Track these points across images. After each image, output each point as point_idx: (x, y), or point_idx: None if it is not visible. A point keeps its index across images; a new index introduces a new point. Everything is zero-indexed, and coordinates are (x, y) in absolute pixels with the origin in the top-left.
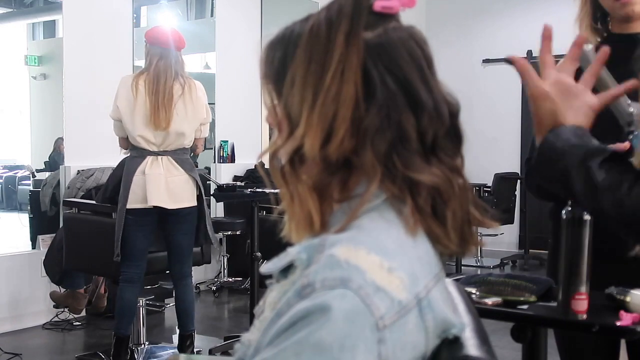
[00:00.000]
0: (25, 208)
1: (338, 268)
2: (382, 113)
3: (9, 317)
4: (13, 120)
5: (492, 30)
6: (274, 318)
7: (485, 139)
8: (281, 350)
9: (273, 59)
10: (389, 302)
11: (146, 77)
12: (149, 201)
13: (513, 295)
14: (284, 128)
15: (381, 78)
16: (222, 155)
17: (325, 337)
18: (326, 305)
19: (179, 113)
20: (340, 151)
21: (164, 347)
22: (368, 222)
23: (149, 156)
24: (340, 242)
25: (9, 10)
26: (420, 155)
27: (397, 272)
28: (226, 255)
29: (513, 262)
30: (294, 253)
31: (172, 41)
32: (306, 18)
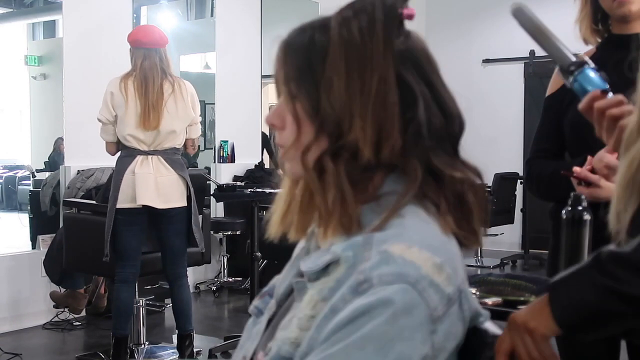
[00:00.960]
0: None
1: (394, 264)
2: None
3: (9, 317)
4: (13, 120)
5: (492, 30)
6: (329, 314)
7: (485, 139)
8: (346, 345)
9: (296, 61)
10: (440, 295)
11: (134, 79)
12: (138, 200)
13: (513, 295)
14: (307, 129)
15: (416, 84)
16: (222, 155)
17: (388, 330)
18: (389, 299)
19: (169, 111)
20: (391, 156)
21: (164, 347)
22: (408, 219)
23: (139, 155)
24: (392, 240)
25: (9, 10)
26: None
27: (445, 267)
28: (226, 255)
29: (513, 262)
30: (339, 251)
31: (153, 40)
32: (325, 20)
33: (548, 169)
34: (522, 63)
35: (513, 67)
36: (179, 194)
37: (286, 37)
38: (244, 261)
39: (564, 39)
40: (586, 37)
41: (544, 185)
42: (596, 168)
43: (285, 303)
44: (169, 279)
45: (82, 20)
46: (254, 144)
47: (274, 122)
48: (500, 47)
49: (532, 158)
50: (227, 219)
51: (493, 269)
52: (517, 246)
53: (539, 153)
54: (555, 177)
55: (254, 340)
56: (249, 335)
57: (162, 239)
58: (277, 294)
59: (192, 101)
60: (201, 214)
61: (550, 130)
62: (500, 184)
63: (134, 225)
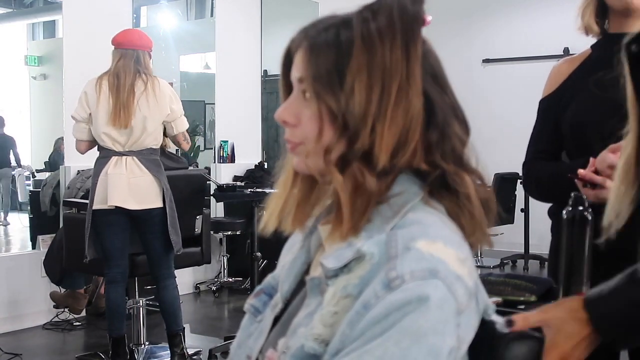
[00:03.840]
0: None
1: (424, 260)
2: (440, 126)
3: (9, 317)
4: (13, 120)
5: (492, 30)
6: (361, 310)
7: (485, 139)
8: (382, 340)
9: (323, 62)
10: (464, 289)
11: (108, 77)
12: (109, 201)
13: (513, 295)
14: (328, 128)
15: (435, 90)
16: (222, 155)
17: (423, 324)
18: (424, 295)
19: (141, 109)
20: (410, 162)
21: (164, 347)
22: (425, 217)
23: (114, 157)
24: (418, 237)
25: (9, 10)
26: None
27: (467, 261)
28: (226, 255)
29: (513, 262)
30: (365, 248)
31: (133, 41)
32: (346, 19)
33: (547, 170)
34: (522, 63)
35: (513, 67)
36: (154, 195)
37: (308, 33)
38: (244, 261)
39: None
40: (589, 25)
41: (544, 187)
42: (600, 169)
43: (294, 300)
44: (155, 280)
45: (82, 20)
46: (254, 144)
47: (287, 119)
48: (500, 47)
49: (530, 160)
50: (227, 219)
51: (493, 269)
52: (517, 246)
53: (537, 154)
54: (555, 179)
55: (259, 338)
56: (249, 334)
57: (143, 240)
58: (283, 290)
59: (166, 98)
60: (201, 214)
61: (547, 132)
62: (500, 184)
63: (112, 225)
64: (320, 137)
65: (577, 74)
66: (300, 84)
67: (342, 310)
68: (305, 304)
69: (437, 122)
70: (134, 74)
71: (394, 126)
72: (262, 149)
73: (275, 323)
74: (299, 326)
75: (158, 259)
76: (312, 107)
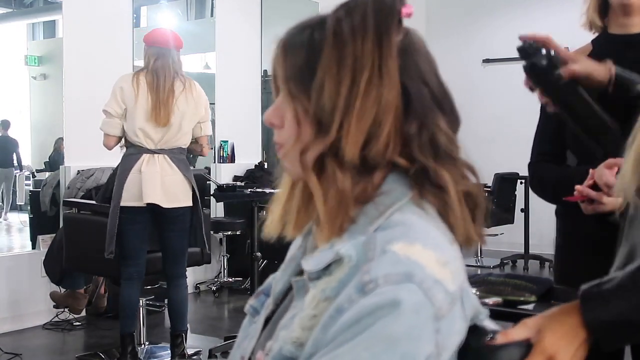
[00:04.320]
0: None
1: (399, 264)
2: (418, 118)
3: (9, 317)
4: (13, 120)
5: (492, 30)
6: (335, 314)
7: (485, 139)
8: (353, 345)
9: (295, 60)
10: (444, 294)
11: (146, 75)
12: (145, 199)
13: (513, 295)
14: (306, 129)
15: (413, 83)
16: (222, 155)
17: (396, 329)
18: (396, 299)
19: (180, 108)
20: (384, 157)
21: (164, 347)
22: (410, 218)
23: (145, 154)
24: (396, 239)
25: (9, 10)
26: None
27: (449, 265)
28: (226, 255)
29: (513, 262)
30: (342, 251)
31: (169, 41)
32: (322, 19)
33: (552, 175)
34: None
35: (513, 67)
36: (184, 194)
37: (285, 35)
38: (244, 261)
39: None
40: (593, 20)
41: (549, 190)
42: (598, 184)
43: (284, 301)
44: (168, 278)
45: (82, 20)
46: (254, 144)
47: (273, 121)
48: (500, 47)
49: (535, 162)
50: (227, 219)
51: (493, 269)
52: (517, 246)
53: (541, 156)
54: (560, 184)
55: (252, 339)
56: (246, 335)
57: (164, 238)
58: (275, 292)
59: (202, 101)
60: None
61: (551, 132)
62: (500, 184)
63: (137, 224)
64: (298, 138)
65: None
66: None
67: (321, 314)
68: (292, 305)
69: (415, 115)
70: (173, 75)
71: (363, 118)
72: (262, 149)
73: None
74: (283, 328)
75: (175, 257)
76: (289, 107)
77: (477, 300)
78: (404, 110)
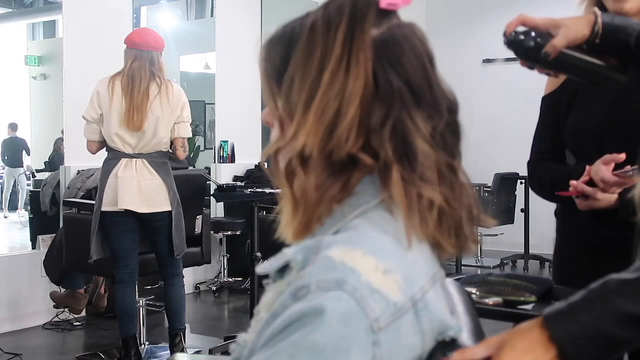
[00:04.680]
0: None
1: (333, 270)
2: (384, 111)
3: (9, 317)
4: (13, 120)
5: (492, 30)
6: (269, 319)
7: (486, 139)
8: (275, 352)
9: (274, 57)
10: (384, 304)
11: (122, 78)
12: (119, 204)
13: (513, 295)
14: (287, 127)
15: (385, 75)
16: (222, 155)
17: (319, 339)
18: (320, 307)
19: (154, 112)
20: (343, 149)
21: (164, 347)
22: (365, 223)
23: (124, 158)
24: (336, 244)
25: (9, 10)
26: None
27: (393, 274)
28: (226, 255)
29: (513, 262)
30: (290, 254)
31: (148, 42)
32: (305, 15)
33: (550, 173)
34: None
35: (513, 67)
36: (162, 198)
37: (270, 33)
38: (244, 261)
39: None
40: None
41: (547, 189)
42: (594, 180)
43: None
44: (163, 277)
45: (82, 20)
46: (254, 144)
47: (267, 120)
48: (500, 47)
49: (534, 160)
50: (227, 219)
51: (493, 269)
52: (517, 246)
53: (540, 154)
54: (557, 183)
55: None
56: None
57: (152, 242)
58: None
59: (179, 103)
60: (201, 214)
61: (550, 131)
62: (500, 184)
63: (120, 227)
64: (282, 138)
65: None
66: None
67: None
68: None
69: (380, 106)
70: (149, 77)
71: (324, 111)
72: (262, 149)
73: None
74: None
75: (166, 259)
76: (270, 105)
77: (445, 314)
78: (372, 104)
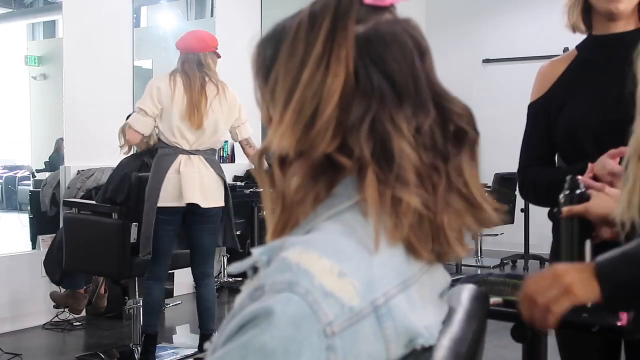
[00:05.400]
0: (25, 208)
1: (288, 271)
2: (362, 108)
3: (9, 317)
4: (13, 120)
5: (492, 30)
6: (230, 318)
7: (485, 139)
8: (228, 352)
9: (265, 56)
10: (338, 308)
11: (181, 75)
12: (185, 199)
13: (513, 295)
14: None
15: (366, 72)
16: (222, 155)
17: (268, 341)
18: (270, 309)
19: (214, 111)
20: (319, 149)
21: (164, 347)
22: (332, 225)
23: (182, 155)
24: (295, 245)
25: (9, 10)
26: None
27: (349, 277)
28: (226, 255)
29: (513, 262)
30: (257, 254)
31: (192, 45)
32: (297, 13)
33: (544, 176)
34: (522, 63)
35: (513, 67)
36: (219, 194)
37: (263, 34)
38: None
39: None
40: (576, 24)
41: (542, 193)
42: (599, 175)
43: None
44: (197, 277)
45: (82, 20)
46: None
47: (265, 120)
48: (500, 47)
49: (524, 167)
50: None
51: (493, 269)
52: (517, 246)
53: (531, 161)
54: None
55: None
56: None
57: (195, 237)
58: None
59: (236, 104)
60: None
61: (539, 137)
62: (500, 184)
63: (171, 224)
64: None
65: (565, 76)
66: None
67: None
68: None
69: (358, 104)
70: (200, 77)
71: (302, 109)
72: None
73: None
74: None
75: (205, 256)
76: (262, 106)
77: (413, 320)
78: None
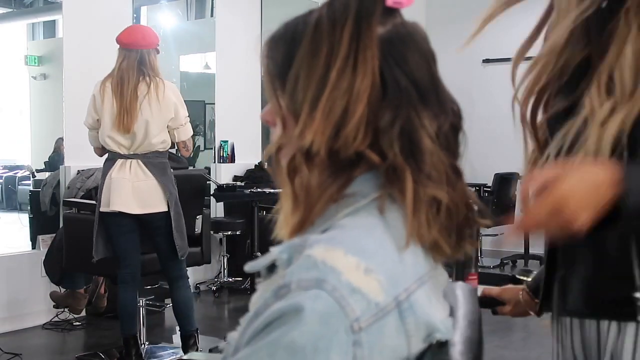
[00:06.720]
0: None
1: (314, 269)
2: (393, 111)
3: (9, 317)
4: (13, 120)
5: (492, 30)
6: (252, 318)
7: (485, 138)
8: (255, 350)
9: (277, 55)
10: (365, 304)
11: (112, 80)
12: (111, 206)
13: None
14: (290, 125)
15: (392, 73)
16: (222, 155)
17: (298, 338)
18: (299, 306)
19: (143, 113)
20: (351, 148)
21: (164, 347)
22: (352, 221)
23: (119, 159)
24: (319, 243)
25: (9, 10)
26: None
27: (375, 273)
28: (226, 255)
29: (513, 262)
30: (276, 252)
31: (137, 41)
32: (309, 12)
33: None
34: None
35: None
36: (158, 199)
37: (273, 31)
38: (243, 261)
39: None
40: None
41: None
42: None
43: None
44: (168, 280)
45: (82, 20)
46: (254, 144)
47: (267, 119)
48: (500, 47)
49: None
50: (227, 219)
51: (493, 269)
52: (517, 246)
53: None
54: None
55: None
56: None
57: (153, 242)
58: None
59: (169, 103)
60: (201, 214)
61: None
62: (500, 184)
63: (121, 227)
64: (284, 135)
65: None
66: None
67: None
68: None
69: (389, 106)
70: (137, 77)
71: (332, 109)
72: (262, 149)
73: None
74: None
75: (168, 260)
76: (273, 104)
77: (435, 316)
78: (380, 102)
